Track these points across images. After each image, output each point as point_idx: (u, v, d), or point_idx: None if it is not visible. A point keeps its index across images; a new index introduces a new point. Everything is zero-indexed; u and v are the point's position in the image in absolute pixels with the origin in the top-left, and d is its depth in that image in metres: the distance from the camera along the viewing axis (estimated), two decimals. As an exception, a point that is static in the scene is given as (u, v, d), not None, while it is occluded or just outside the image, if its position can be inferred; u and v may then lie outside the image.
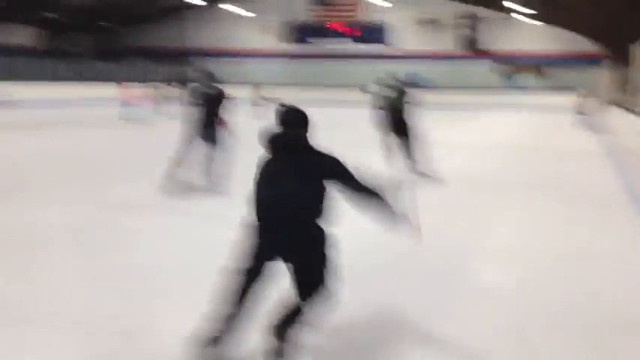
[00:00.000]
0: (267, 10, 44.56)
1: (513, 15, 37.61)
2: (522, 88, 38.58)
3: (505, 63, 40.99)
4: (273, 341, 3.22)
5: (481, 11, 41.12)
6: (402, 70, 40.64)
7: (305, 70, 43.89)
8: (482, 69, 41.30)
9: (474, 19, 41.54)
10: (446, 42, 42.36)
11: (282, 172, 3.13)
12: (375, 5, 41.28)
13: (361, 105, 16.67)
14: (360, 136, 14.57)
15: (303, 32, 44.96)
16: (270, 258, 3.16)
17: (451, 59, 41.52)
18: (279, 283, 3.36)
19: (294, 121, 3.24)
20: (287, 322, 3.19)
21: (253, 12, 44.31)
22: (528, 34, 40.62)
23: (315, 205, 3.11)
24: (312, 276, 3.16)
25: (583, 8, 28.23)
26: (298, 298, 3.16)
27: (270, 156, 3.22)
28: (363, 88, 13.34)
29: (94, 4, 39.02)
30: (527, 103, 31.89)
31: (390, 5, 41.43)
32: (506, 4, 30.66)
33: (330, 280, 3.21)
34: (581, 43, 37.90)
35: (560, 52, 39.71)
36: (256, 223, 3.16)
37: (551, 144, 15.97)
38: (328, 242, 3.19)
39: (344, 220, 3.72)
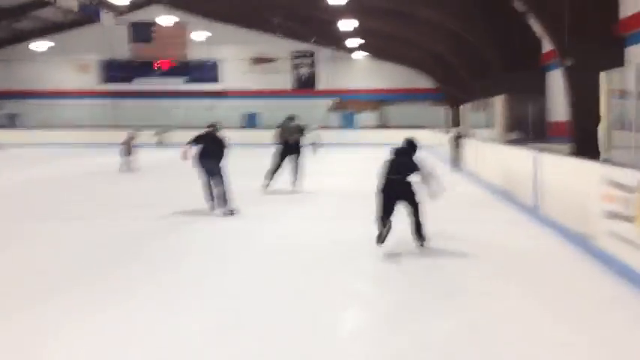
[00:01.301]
0: (84, 48, 40.71)
1: (353, 55, 37.11)
2: (363, 128, 37.87)
3: (345, 101, 40.33)
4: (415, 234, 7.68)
5: (319, 50, 40.24)
6: (239, 109, 39.59)
7: (131, 112, 40.09)
8: (320, 108, 40.29)
9: (311, 57, 40.64)
10: (283, 81, 40.92)
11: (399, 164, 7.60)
12: (206, 44, 39.00)
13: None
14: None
15: (127, 71, 41.29)
16: (397, 200, 7.52)
17: (287, 97, 40.01)
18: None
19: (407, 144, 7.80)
20: (417, 226, 7.62)
21: (69, 50, 40.11)
22: (368, 71, 40.32)
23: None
24: (416, 206, 7.54)
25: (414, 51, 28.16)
26: (413, 217, 7.61)
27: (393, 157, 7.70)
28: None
29: None
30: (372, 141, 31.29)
31: (223, 43, 39.53)
32: (346, 44, 29.63)
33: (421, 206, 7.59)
34: (423, 80, 37.93)
35: (400, 89, 39.63)
36: (385, 188, 7.54)
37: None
38: (417, 191, 7.54)
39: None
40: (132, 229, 9.48)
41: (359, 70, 40.48)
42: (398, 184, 7.52)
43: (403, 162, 7.63)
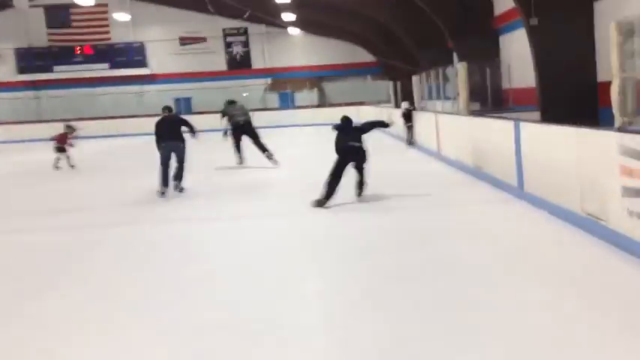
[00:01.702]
0: (-2, 36, 37.44)
1: (289, 30, 35.31)
2: (303, 107, 36.22)
3: (281, 80, 38.65)
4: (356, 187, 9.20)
5: (252, 27, 38.19)
6: (170, 94, 37.36)
7: (54, 103, 37.37)
8: (257, 89, 38.58)
9: (245, 34, 38.75)
10: (216, 61, 38.90)
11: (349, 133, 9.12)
12: (131, 25, 36.59)
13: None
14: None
15: (47, 59, 38.34)
16: (348, 162, 8.95)
17: (221, 79, 38.05)
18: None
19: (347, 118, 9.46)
20: (359, 182, 9.15)
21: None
22: (305, 48, 38.61)
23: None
24: (362, 167, 9.08)
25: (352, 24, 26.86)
26: (359, 175, 9.14)
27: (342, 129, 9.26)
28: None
29: None
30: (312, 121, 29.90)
31: (148, 24, 37.24)
32: (282, 18, 27.87)
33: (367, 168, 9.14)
34: (363, 54, 36.43)
35: (340, 64, 37.96)
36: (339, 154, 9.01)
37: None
38: (366, 154, 9.09)
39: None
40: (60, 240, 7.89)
41: (295, 46, 38.74)
42: (352, 150, 9.05)
43: (351, 131, 9.26)
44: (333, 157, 9.10)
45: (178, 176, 10.81)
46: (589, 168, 6.24)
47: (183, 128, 11.07)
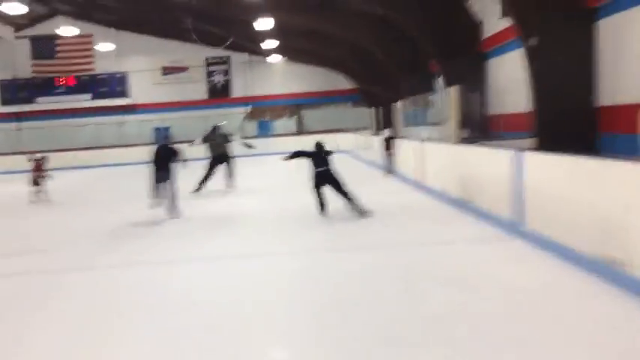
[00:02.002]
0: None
1: (269, 59, 34.81)
2: (281, 135, 35.71)
3: (260, 108, 38.11)
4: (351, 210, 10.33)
5: (234, 56, 38.11)
6: (150, 124, 36.64)
7: (35, 134, 36.46)
8: (237, 117, 37.91)
9: (226, 63, 38.22)
10: (197, 90, 38.37)
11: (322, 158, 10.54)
12: (114, 55, 36.05)
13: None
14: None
15: (29, 90, 37.73)
16: (325, 184, 10.49)
17: (201, 108, 37.40)
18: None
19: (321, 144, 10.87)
20: (349, 201, 10.38)
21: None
22: (285, 76, 38.41)
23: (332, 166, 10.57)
24: (341, 188, 10.36)
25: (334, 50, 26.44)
26: (343, 196, 10.42)
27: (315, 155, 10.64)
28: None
29: None
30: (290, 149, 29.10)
31: (132, 54, 36.85)
32: (263, 46, 27.30)
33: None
34: (343, 81, 36.33)
35: (319, 92, 37.99)
36: (315, 177, 10.46)
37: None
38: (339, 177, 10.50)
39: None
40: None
41: (275, 74, 38.66)
42: (325, 174, 10.57)
43: (322, 156, 10.70)
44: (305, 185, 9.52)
45: (171, 204, 11.74)
46: (610, 203, 5.50)
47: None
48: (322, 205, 10.53)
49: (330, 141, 14.66)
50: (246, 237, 9.42)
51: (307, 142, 19.36)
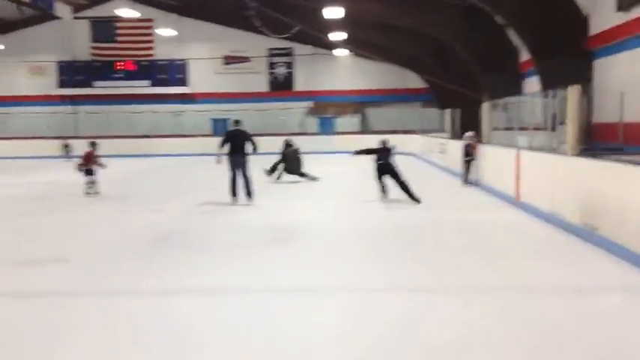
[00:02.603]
0: (40, 49, 36.62)
1: (335, 52, 32.93)
2: (344, 133, 33.82)
3: (322, 104, 36.28)
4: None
5: (298, 48, 36.43)
6: (209, 115, 35.41)
7: (91, 119, 35.74)
8: (298, 112, 36.29)
9: (289, 55, 36.63)
10: (258, 82, 36.91)
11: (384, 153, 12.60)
12: (176, 41, 34.94)
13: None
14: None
15: (88, 74, 36.97)
16: (385, 174, 12.55)
17: (262, 100, 35.93)
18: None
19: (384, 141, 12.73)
20: (406, 191, 12.18)
21: (23, 51, 36.04)
22: (350, 70, 36.55)
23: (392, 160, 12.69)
24: (398, 178, 12.43)
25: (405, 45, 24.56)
26: (399, 185, 12.44)
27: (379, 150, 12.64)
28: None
29: None
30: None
31: (193, 42, 35.78)
32: (331, 37, 25.55)
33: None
34: (412, 79, 34.22)
35: (386, 89, 35.97)
36: (377, 168, 12.49)
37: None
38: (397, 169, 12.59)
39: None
40: None
41: (340, 69, 36.84)
42: (385, 166, 12.41)
43: (384, 151, 12.53)
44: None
45: (247, 191, 12.46)
46: None
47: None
48: (384, 190, 12.66)
49: (395, 140, 14.72)
50: (310, 260, 7.58)
51: (371, 142, 18.13)
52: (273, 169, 16.94)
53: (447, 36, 19.59)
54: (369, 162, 12.85)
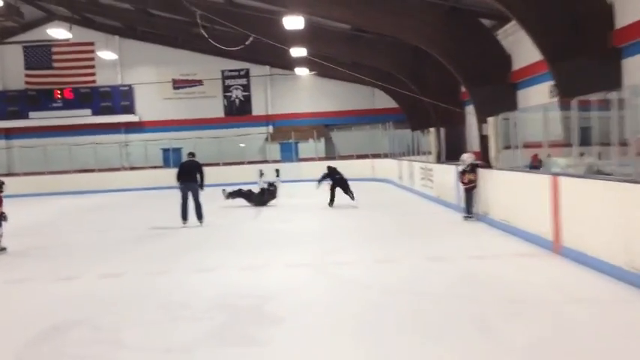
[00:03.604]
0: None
1: (297, 71, 30.18)
2: (308, 160, 30.96)
3: (285, 128, 33.34)
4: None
5: (255, 69, 33.58)
6: (157, 144, 32.11)
7: (28, 154, 31.93)
8: (258, 137, 33.29)
9: (246, 77, 33.70)
10: (212, 107, 33.84)
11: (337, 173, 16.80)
12: (119, 65, 31.87)
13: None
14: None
15: (22, 104, 33.40)
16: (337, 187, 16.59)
17: (217, 127, 32.84)
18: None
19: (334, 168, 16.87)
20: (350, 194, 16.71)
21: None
22: (313, 91, 33.82)
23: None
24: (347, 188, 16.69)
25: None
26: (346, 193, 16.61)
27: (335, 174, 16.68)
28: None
29: None
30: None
31: (138, 65, 32.88)
32: (290, 53, 22.79)
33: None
34: (382, 99, 31.83)
35: (353, 111, 33.26)
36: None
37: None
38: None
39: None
40: None
41: (301, 90, 34.14)
42: (340, 181, 16.33)
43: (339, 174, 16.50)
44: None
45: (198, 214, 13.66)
46: None
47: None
48: (332, 200, 16.34)
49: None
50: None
51: (341, 167, 17.07)
52: (234, 193, 18.04)
53: (425, 43, 16.92)
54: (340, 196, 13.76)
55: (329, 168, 16.64)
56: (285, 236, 11.66)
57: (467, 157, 12.64)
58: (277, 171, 21.80)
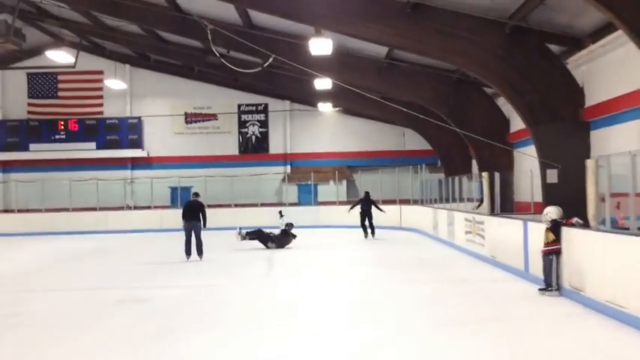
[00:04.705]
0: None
1: (320, 107, 27.74)
2: (327, 204, 28.32)
3: (304, 168, 30.67)
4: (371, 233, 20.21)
5: (274, 103, 31.14)
6: (169, 182, 29.47)
7: (26, 189, 29.41)
8: (274, 178, 30.64)
9: (264, 112, 31.27)
10: (226, 143, 31.40)
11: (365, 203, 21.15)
12: (128, 96, 29.73)
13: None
14: None
15: (22, 136, 31.03)
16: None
17: (231, 165, 30.29)
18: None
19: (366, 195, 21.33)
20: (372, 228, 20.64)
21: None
22: (336, 129, 31.29)
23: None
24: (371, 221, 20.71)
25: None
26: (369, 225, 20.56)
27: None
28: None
29: None
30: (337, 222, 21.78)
31: (148, 97, 30.85)
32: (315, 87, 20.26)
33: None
34: (411, 140, 29.57)
35: (379, 152, 30.63)
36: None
37: None
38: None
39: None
40: None
41: (323, 127, 31.64)
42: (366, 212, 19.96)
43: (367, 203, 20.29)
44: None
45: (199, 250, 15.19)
46: None
47: None
48: (365, 232, 20.08)
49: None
50: None
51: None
52: (252, 233, 17.65)
53: (478, 70, 14.25)
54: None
55: (366, 193, 21.18)
56: (304, 312, 8.79)
57: (552, 211, 9.66)
58: (280, 212, 19.57)
